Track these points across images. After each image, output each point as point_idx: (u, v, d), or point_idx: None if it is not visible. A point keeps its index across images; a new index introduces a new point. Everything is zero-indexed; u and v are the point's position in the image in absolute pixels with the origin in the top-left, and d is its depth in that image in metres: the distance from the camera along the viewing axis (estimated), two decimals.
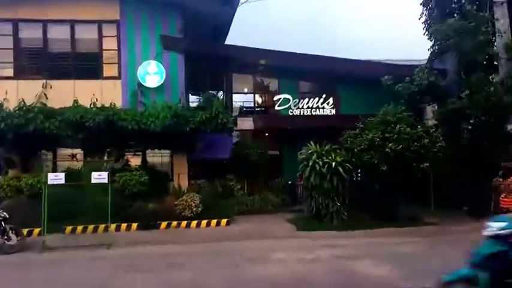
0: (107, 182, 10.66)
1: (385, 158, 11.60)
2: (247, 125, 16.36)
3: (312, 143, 13.05)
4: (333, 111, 16.37)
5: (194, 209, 12.72)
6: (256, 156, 15.29)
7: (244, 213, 14.50)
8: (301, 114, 16.34)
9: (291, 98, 16.32)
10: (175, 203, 12.90)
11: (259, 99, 17.54)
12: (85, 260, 9.20)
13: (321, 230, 11.76)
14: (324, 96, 16.38)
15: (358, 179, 13.06)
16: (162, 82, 14.45)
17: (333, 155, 12.47)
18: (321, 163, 12.17)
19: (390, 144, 11.55)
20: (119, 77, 14.65)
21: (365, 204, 12.49)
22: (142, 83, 14.42)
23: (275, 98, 16.62)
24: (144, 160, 15.24)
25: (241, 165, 15.29)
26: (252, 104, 17.50)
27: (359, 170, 13.14)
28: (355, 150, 12.16)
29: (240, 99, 17.69)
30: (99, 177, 10.67)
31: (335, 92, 16.76)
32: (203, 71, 16.03)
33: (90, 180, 10.72)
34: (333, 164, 12.06)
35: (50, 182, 10.53)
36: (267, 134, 17.39)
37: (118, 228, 12.13)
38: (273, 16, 39.30)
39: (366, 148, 11.95)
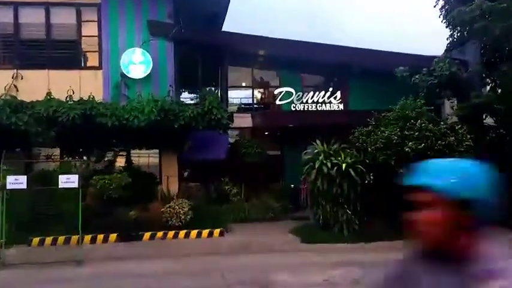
0: (76, 186, 9.03)
1: (404, 159, 9.95)
2: (244, 122, 14.71)
3: (318, 141, 11.43)
4: (341, 107, 14.71)
5: (183, 217, 11.07)
6: (255, 156, 13.66)
7: (241, 221, 12.88)
8: (305, 109, 14.66)
9: (293, 92, 14.64)
10: (162, 210, 11.25)
11: (258, 94, 15.83)
12: (45, 282, 7.55)
13: (330, 243, 10.13)
14: (330, 89, 14.73)
15: (372, 182, 11.37)
16: (148, 72, 12.83)
17: (342, 156, 10.85)
18: (329, 165, 10.54)
19: (410, 143, 9.92)
20: (99, 67, 13.02)
21: (380, 211, 10.85)
22: (126, 74, 12.79)
23: (276, 92, 14.94)
24: (128, 161, 13.60)
25: (238, 166, 13.67)
26: (250, 100, 15.82)
27: (372, 173, 11.47)
28: (369, 149, 10.53)
29: (237, 95, 16.06)
30: (68, 181, 9.05)
31: (343, 85, 15.09)
32: (195, 62, 14.39)
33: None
34: (343, 165, 10.43)
35: (9, 186, 8.91)
36: (266, 133, 15.80)
37: (94, 240, 10.47)
38: (271, 11, 37.84)
39: (382, 147, 10.32)
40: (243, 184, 14.11)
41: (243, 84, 16.07)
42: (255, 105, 15.86)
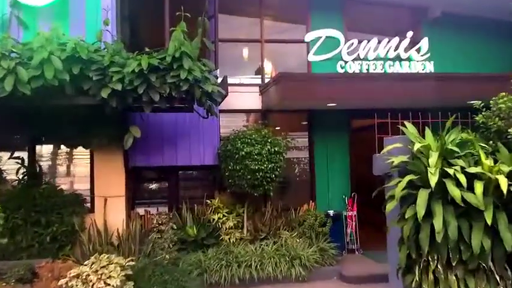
0: None
1: None
2: (247, 101, 8.53)
3: (408, 125, 5.21)
4: (430, 67, 8.44)
5: None
6: (266, 161, 7.36)
7: (242, 284, 6.67)
8: (362, 72, 8.27)
9: (341, 38, 8.35)
10: (63, 283, 4.91)
11: (270, 53, 9.16)
12: None
13: None
14: (410, 34, 8.34)
15: None
16: None
17: (483, 159, 4.62)
18: (462, 179, 4.29)
19: None
20: None
21: None
22: (19, 1, 6.61)
23: (307, 38, 8.58)
24: (30, 167, 7.27)
25: (237, 178, 7.38)
26: (255, 67, 9.40)
27: None
28: None
29: (235, 60, 9.63)
30: None
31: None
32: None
33: None
34: (502, 181, 4.17)
35: None
36: (283, 121, 9.43)
37: None
38: None
39: None
40: (245, 210, 7.87)
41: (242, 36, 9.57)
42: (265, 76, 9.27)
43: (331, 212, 8.35)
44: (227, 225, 7.68)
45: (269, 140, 7.47)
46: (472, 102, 5.48)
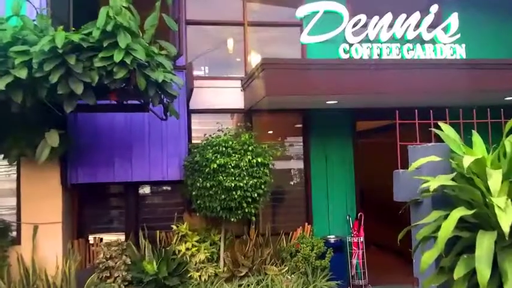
0: None
1: None
2: (227, 98, 6.81)
3: (445, 128, 3.45)
4: (462, 52, 6.70)
5: None
6: (246, 176, 5.62)
7: None
8: (372, 57, 6.48)
9: (344, 13, 6.60)
10: None
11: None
12: None
13: None
14: (433, 10, 6.61)
15: None
16: None
17: None
18: None
19: None
20: None
21: None
22: None
23: (299, 13, 6.72)
24: None
25: (207, 199, 5.64)
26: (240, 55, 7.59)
27: None
28: None
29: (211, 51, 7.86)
30: None
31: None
32: None
33: None
34: None
35: None
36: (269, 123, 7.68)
37: None
38: None
39: None
40: (222, 238, 6.11)
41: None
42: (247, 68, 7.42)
43: (331, 238, 6.62)
44: (198, 258, 5.93)
45: (250, 149, 5.74)
46: None
